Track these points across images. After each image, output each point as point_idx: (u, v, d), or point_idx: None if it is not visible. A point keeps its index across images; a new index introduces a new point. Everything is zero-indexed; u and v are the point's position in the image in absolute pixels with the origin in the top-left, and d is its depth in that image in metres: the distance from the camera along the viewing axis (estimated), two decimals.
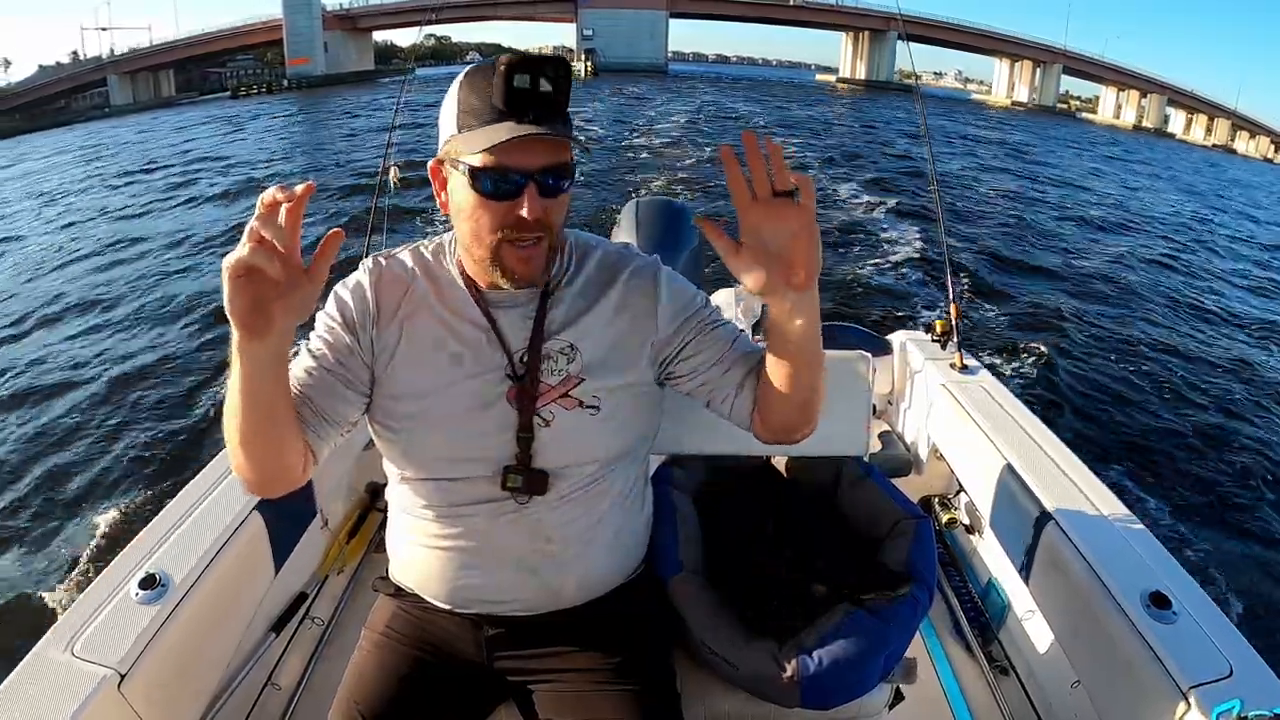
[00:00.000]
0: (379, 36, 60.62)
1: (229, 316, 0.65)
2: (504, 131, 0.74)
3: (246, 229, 0.62)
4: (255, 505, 1.25)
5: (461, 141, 0.78)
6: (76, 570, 3.19)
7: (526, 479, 0.87)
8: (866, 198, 12.03)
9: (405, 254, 0.93)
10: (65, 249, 9.54)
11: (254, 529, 1.24)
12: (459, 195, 0.81)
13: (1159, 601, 1.07)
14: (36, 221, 11.73)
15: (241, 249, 0.62)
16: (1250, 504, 4.20)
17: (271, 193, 0.61)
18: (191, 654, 1.07)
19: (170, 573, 1.07)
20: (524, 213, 0.77)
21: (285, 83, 48.06)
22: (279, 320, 0.66)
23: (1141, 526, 1.28)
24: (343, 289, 0.90)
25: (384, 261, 0.91)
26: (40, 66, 51.47)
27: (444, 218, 0.86)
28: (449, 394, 0.87)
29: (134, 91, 49.09)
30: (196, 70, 55.93)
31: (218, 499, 1.25)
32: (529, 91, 0.74)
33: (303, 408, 0.83)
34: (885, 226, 10.05)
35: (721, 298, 2.34)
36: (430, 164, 0.84)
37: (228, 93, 48.33)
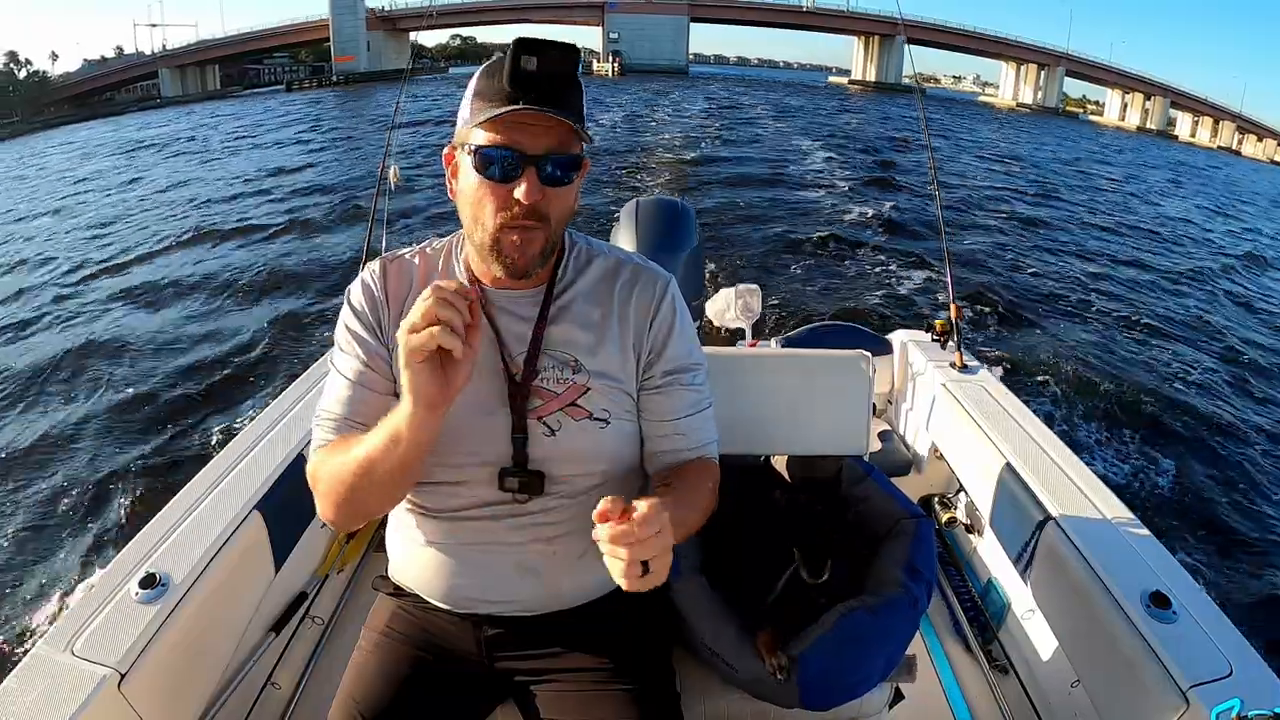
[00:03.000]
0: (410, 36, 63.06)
1: (412, 396, 0.70)
2: (507, 107, 0.75)
3: (421, 313, 0.67)
4: (255, 505, 1.25)
5: (471, 123, 0.79)
6: (76, 570, 3.19)
7: (522, 480, 0.87)
8: (865, 196, 12.04)
9: (411, 254, 0.93)
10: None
11: (254, 528, 1.24)
12: (465, 178, 0.82)
13: (1159, 601, 1.07)
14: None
15: (425, 334, 0.67)
16: (1250, 503, 4.20)
17: (453, 284, 0.69)
18: (191, 653, 1.07)
19: (170, 572, 1.07)
20: (520, 195, 0.77)
21: (334, 78, 52.25)
22: (458, 390, 0.72)
23: (1141, 526, 1.28)
24: (355, 295, 0.90)
25: (390, 262, 0.92)
26: (85, 60, 54.72)
27: (443, 221, 0.87)
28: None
29: (183, 84, 52.51)
30: (236, 66, 59.82)
31: (218, 498, 1.24)
32: (533, 74, 0.75)
33: None
34: (885, 226, 10.06)
35: (721, 298, 2.34)
36: (445, 151, 0.85)
37: (281, 86, 52.85)
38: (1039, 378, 5.46)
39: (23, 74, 47.28)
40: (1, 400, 5.00)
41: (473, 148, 0.78)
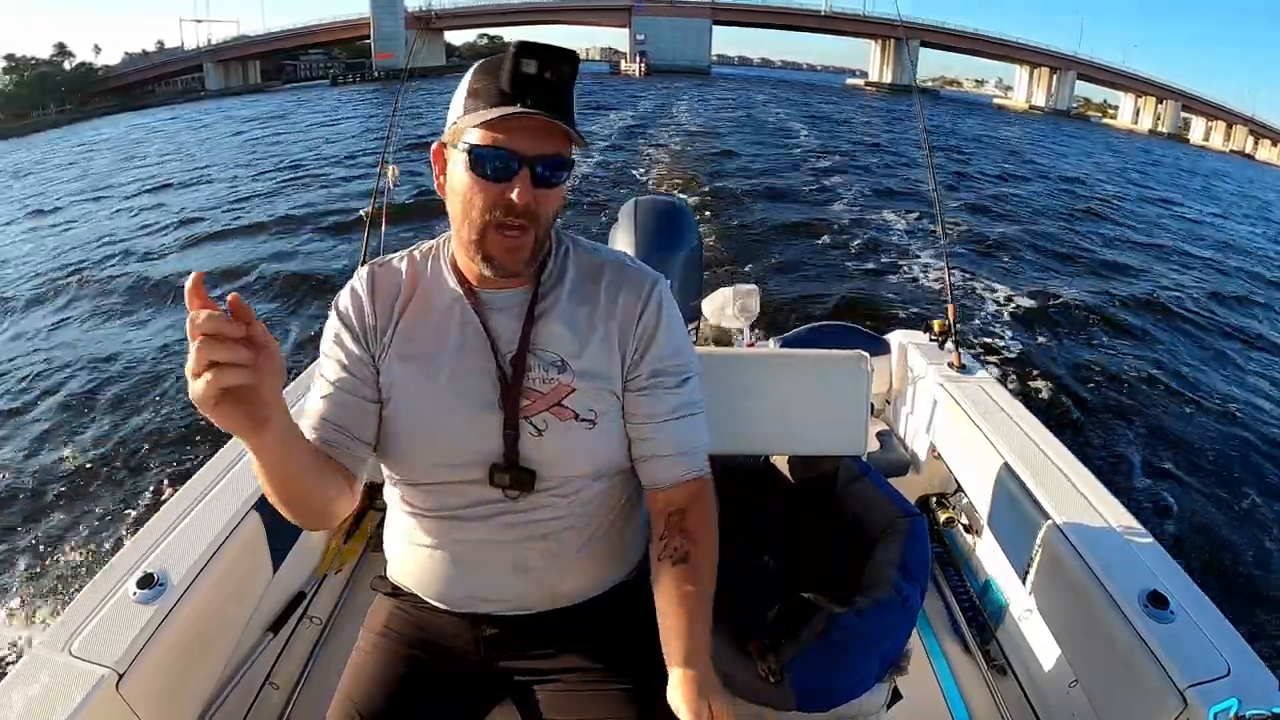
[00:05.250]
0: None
1: (230, 432, 0.64)
2: (507, 109, 0.75)
3: (192, 356, 0.57)
4: (253, 504, 1.25)
5: (464, 121, 0.79)
6: (74, 570, 3.18)
7: (513, 477, 0.87)
8: (865, 196, 12.06)
9: (399, 259, 0.93)
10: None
11: (252, 528, 1.24)
12: (455, 176, 0.82)
13: (1157, 601, 1.07)
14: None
15: (203, 384, 0.58)
16: (1249, 503, 4.20)
17: (202, 313, 0.57)
18: (189, 653, 1.07)
19: (168, 572, 1.07)
20: (514, 196, 0.78)
21: (375, 74, 55.33)
22: (273, 402, 0.64)
23: (1139, 526, 1.28)
24: (343, 302, 0.90)
25: (379, 269, 0.92)
26: (127, 54, 58.10)
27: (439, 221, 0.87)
28: (440, 397, 0.87)
29: (226, 78, 55.94)
30: (273, 62, 63.79)
31: (216, 498, 1.24)
32: (535, 77, 0.75)
33: (337, 435, 0.86)
34: (884, 225, 10.07)
35: (719, 296, 2.34)
36: (434, 146, 0.85)
37: (323, 80, 56.65)
38: (1037, 377, 5.46)
39: (67, 65, 50.06)
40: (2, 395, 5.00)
41: (466, 146, 0.78)
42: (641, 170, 13.48)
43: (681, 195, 10.95)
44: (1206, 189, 23.78)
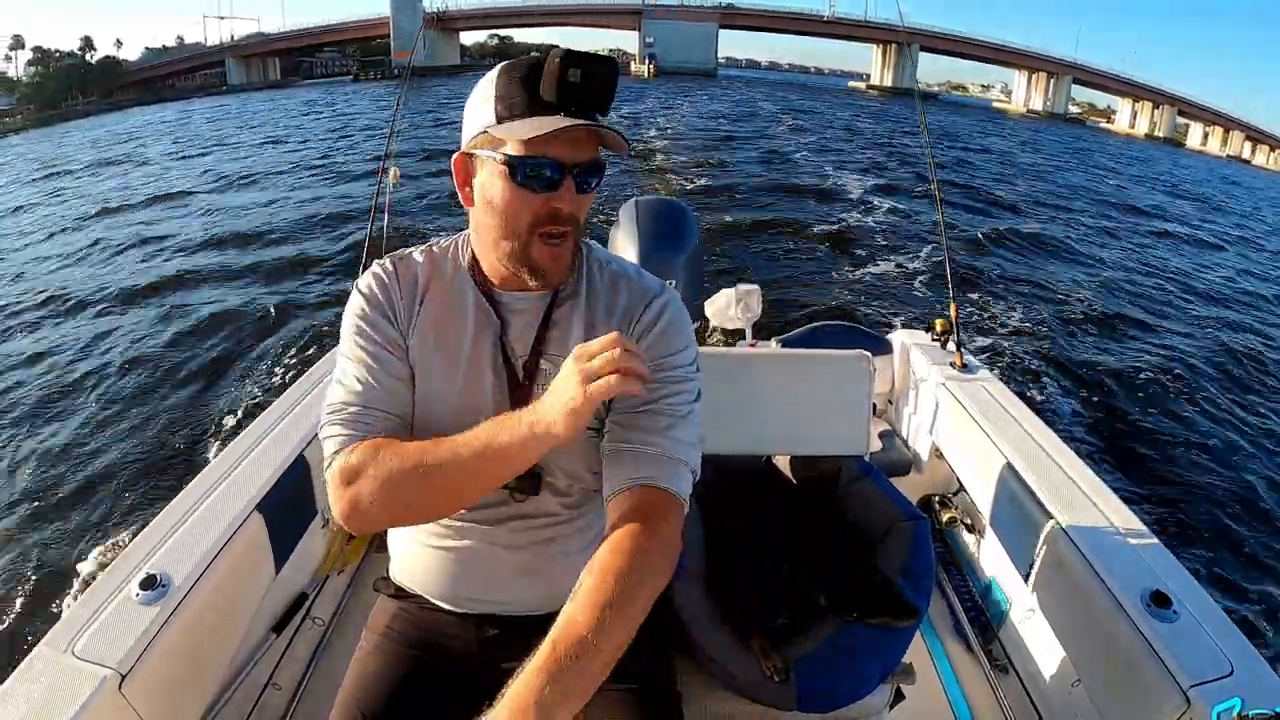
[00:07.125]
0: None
1: (574, 417, 0.68)
2: (558, 121, 0.73)
3: (613, 362, 0.66)
4: (256, 505, 1.25)
5: (501, 131, 0.77)
6: (77, 571, 3.19)
7: (519, 480, 0.86)
8: (866, 196, 12.06)
9: (419, 254, 0.92)
10: None
11: (254, 529, 1.24)
12: (491, 187, 0.80)
13: (1159, 600, 1.07)
14: None
15: (604, 384, 0.66)
16: (1250, 503, 4.20)
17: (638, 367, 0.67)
18: (192, 654, 1.07)
19: (171, 573, 1.07)
20: (561, 205, 0.78)
21: (395, 71, 58.07)
22: None
23: (1142, 526, 1.28)
24: (368, 286, 0.88)
25: (399, 262, 0.91)
26: (147, 48, 60.65)
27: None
28: (453, 397, 0.86)
29: (247, 74, 58.29)
30: (290, 59, 66.40)
31: (218, 499, 1.24)
32: (581, 86, 0.74)
33: (398, 428, 0.83)
34: (885, 226, 10.07)
35: (721, 297, 2.34)
36: (455, 157, 0.83)
37: (344, 76, 61.17)
38: (1040, 377, 5.46)
39: (90, 59, 51.74)
40: (3, 396, 5.01)
41: (506, 157, 0.77)
42: (645, 154, 15.03)
43: (678, 189, 11.02)
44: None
